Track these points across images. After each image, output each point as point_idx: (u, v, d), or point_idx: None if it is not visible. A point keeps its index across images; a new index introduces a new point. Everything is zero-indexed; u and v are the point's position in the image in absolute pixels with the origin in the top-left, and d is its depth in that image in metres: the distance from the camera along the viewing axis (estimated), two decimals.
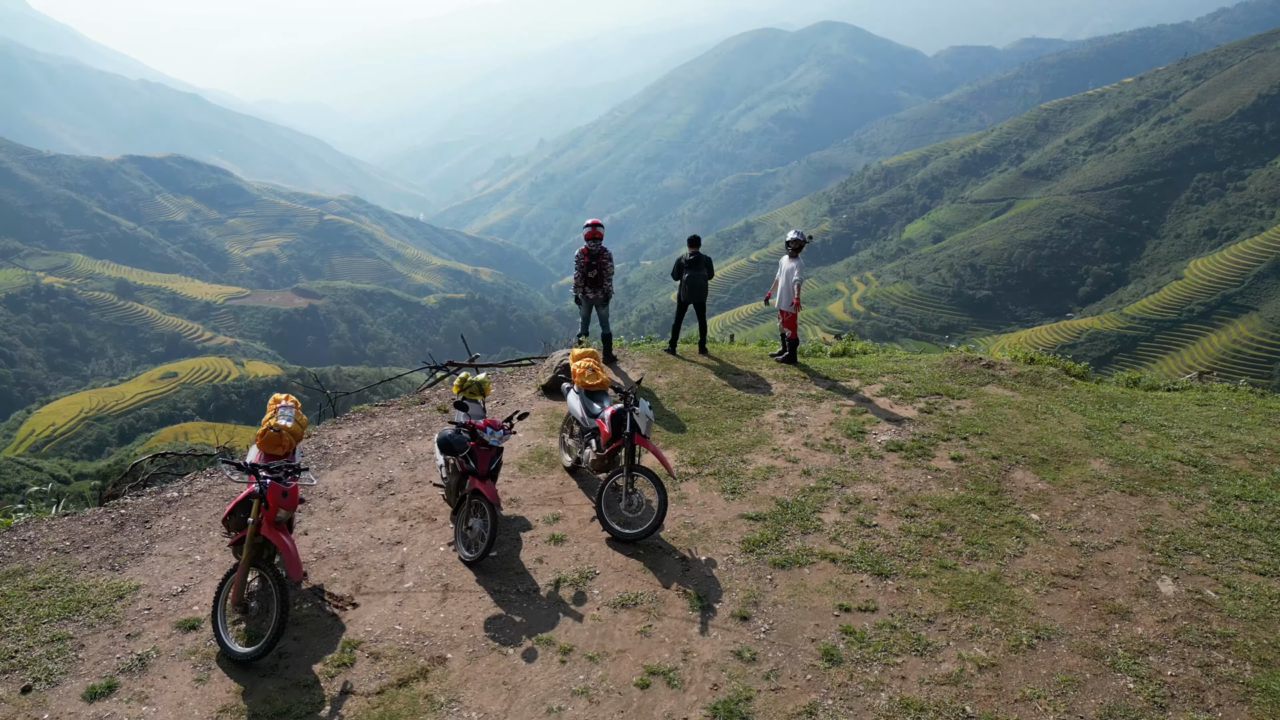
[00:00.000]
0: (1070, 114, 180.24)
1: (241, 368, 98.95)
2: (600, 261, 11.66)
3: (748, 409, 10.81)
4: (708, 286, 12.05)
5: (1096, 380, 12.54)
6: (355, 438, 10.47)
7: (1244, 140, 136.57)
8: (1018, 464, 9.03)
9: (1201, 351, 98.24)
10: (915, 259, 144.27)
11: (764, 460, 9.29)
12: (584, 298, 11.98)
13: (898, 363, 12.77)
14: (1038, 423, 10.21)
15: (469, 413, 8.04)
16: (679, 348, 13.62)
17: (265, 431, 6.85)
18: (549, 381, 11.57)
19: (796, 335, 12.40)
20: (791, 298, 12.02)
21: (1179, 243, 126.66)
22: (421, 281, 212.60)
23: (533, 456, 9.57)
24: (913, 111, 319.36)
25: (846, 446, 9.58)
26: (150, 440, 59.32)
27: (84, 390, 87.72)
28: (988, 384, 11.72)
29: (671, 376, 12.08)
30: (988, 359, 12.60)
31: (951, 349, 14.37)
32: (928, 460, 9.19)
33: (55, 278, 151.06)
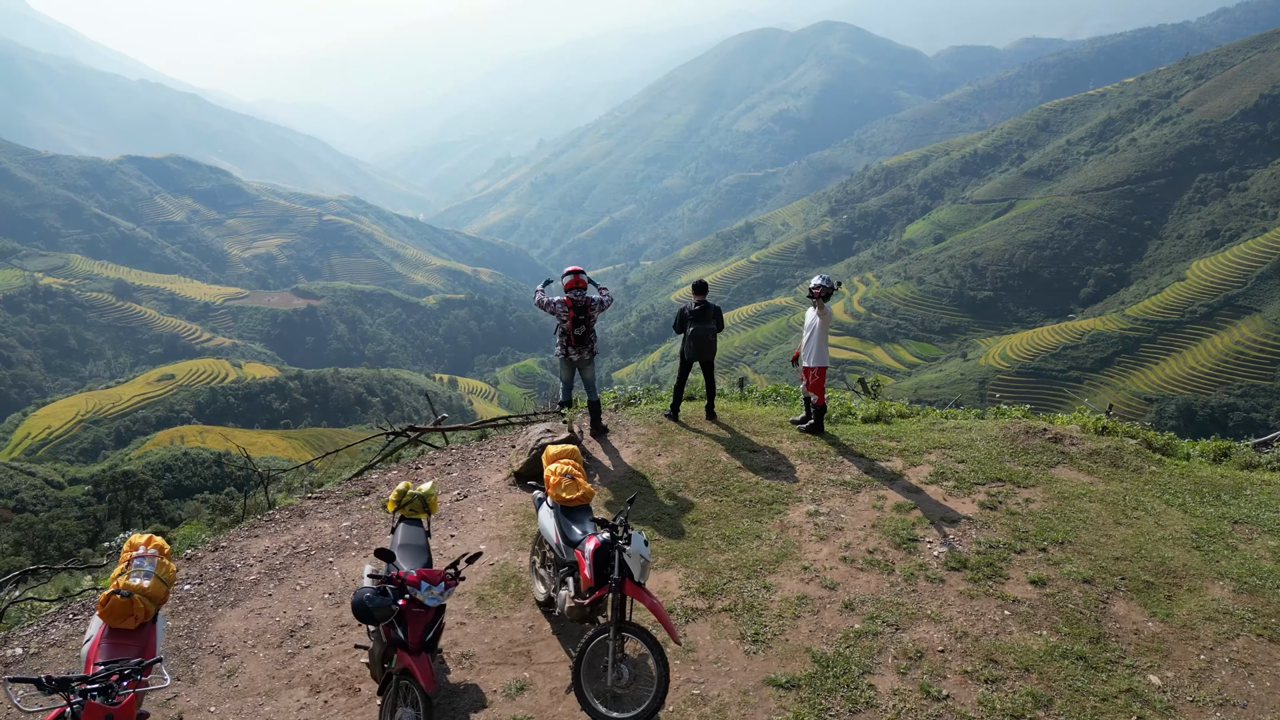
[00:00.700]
0: (1071, 114, 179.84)
1: (239, 369, 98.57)
2: (588, 315, 9.60)
3: (768, 503, 8.64)
4: (716, 342, 10.27)
5: (1184, 454, 10.20)
6: (273, 552, 8.19)
7: (1246, 140, 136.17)
8: (1117, 591, 7.05)
9: (1204, 353, 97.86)
10: (916, 259, 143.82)
11: (793, 585, 7.22)
12: (566, 359, 9.88)
13: (944, 432, 10.38)
14: (1129, 524, 8.18)
15: (402, 551, 5.94)
16: (684, 405, 11.68)
17: (110, 597, 4.82)
18: (524, 467, 9.12)
19: (824, 401, 10.23)
20: (820, 355, 10.00)
21: (1181, 243, 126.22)
22: (421, 282, 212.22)
23: (496, 582, 7.34)
24: (913, 111, 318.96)
25: (896, 563, 7.49)
26: (146, 444, 58.91)
27: (80, 393, 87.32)
28: (1057, 464, 9.39)
29: (674, 455, 9.78)
30: (1053, 430, 10.21)
31: (1003, 410, 11.81)
32: (1001, 584, 7.16)
33: (53, 278, 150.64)
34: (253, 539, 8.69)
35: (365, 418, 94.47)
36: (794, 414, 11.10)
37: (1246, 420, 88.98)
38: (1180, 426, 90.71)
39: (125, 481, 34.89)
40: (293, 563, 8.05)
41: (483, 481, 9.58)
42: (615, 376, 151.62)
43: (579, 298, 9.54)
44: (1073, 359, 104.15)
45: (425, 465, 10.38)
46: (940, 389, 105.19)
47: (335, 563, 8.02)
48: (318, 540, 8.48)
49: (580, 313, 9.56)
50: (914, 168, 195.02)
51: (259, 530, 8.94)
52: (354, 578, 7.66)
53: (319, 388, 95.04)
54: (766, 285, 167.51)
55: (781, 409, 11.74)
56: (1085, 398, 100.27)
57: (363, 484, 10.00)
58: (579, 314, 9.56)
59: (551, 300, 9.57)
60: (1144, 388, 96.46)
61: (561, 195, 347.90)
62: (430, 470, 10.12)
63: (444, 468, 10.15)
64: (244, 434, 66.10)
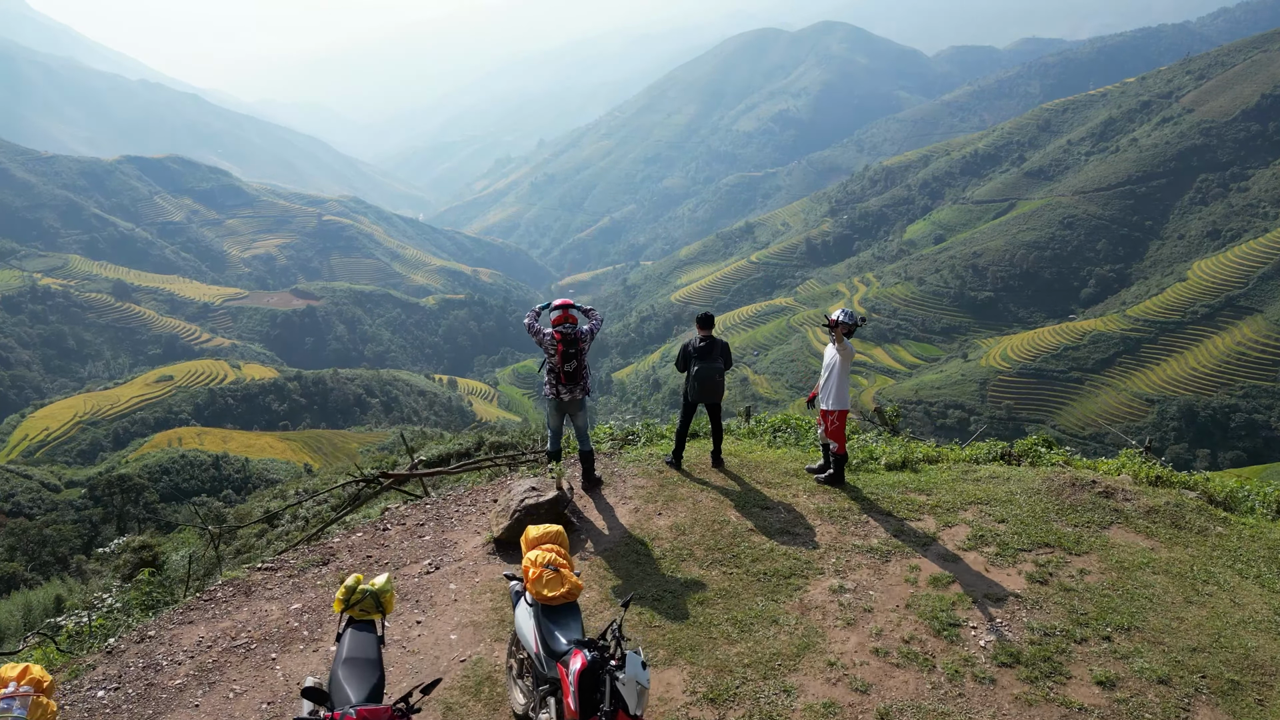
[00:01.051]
0: (1072, 114, 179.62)
1: (238, 370, 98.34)
2: (579, 348, 8.48)
3: (785, 576, 7.47)
4: (724, 382, 9.10)
5: (1249, 507, 9.10)
6: (207, 645, 6.92)
7: (1247, 140, 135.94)
8: (1199, 694, 5.96)
9: (1206, 354, 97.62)
10: (916, 260, 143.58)
11: (818, 687, 6.05)
12: (555, 400, 8.65)
13: (979, 483, 9.08)
14: (1202, 602, 7.04)
15: (346, 669, 4.74)
16: (689, 440, 10.50)
17: None
18: (504, 532, 7.88)
19: (845, 449, 9.03)
20: (840, 397, 8.83)
21: (1182, 244, 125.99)
22: (421, 282, 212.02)
23: (468, 685, 6.10)
24: (913, 111, 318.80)
25: (937, 656, 6.34)
26: (144, 446, 58.67)
27: (79, 394, 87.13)
28: (1111, 524, 8.23)
29: (677, 513, 8.50)
30: (1103, 482, 8.96)
31: (1045, 454, 10.49)
32: (1063, 686, 6.01)
33: (52, 279, 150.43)
34: (186, 625, 7.33)
35: (364, 419, 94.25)
36: (809, 458, 9.93)
37: (1248, 422, 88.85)
38: (1182, 428, 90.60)
39: (121, 485, 34.66)
40: (228, 660, 6.71)
41: (459, 547, 8.29)
42: (615, 377, 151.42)
43: (568, 330, 8.44)
44: (1074, 360, 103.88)
45: (394, 526, 8.87)
46: (941, 389, 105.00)
47: (278, 660, 6.68)
48: (261, 628, 7.15)
49: (570, 346, 8.42)
50: (914, 168, 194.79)
51: (194, 613, 7.54)
52: (298, 679, 6.39)
53: (318, 389, 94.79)
54: (767, 285, 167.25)
55: (795, 452, 10.35)
56: (1084, 398, 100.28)
57: (321, 550, 8.57)
58: (569, 347, 8.42)
59: (541, 331, 8.54)
60: (1145, 389, 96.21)
61: (561, 195, 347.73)
62: (400, 533, 8.64)
63: (415, 529, 8.70)
64: (242, 435, 65.88)
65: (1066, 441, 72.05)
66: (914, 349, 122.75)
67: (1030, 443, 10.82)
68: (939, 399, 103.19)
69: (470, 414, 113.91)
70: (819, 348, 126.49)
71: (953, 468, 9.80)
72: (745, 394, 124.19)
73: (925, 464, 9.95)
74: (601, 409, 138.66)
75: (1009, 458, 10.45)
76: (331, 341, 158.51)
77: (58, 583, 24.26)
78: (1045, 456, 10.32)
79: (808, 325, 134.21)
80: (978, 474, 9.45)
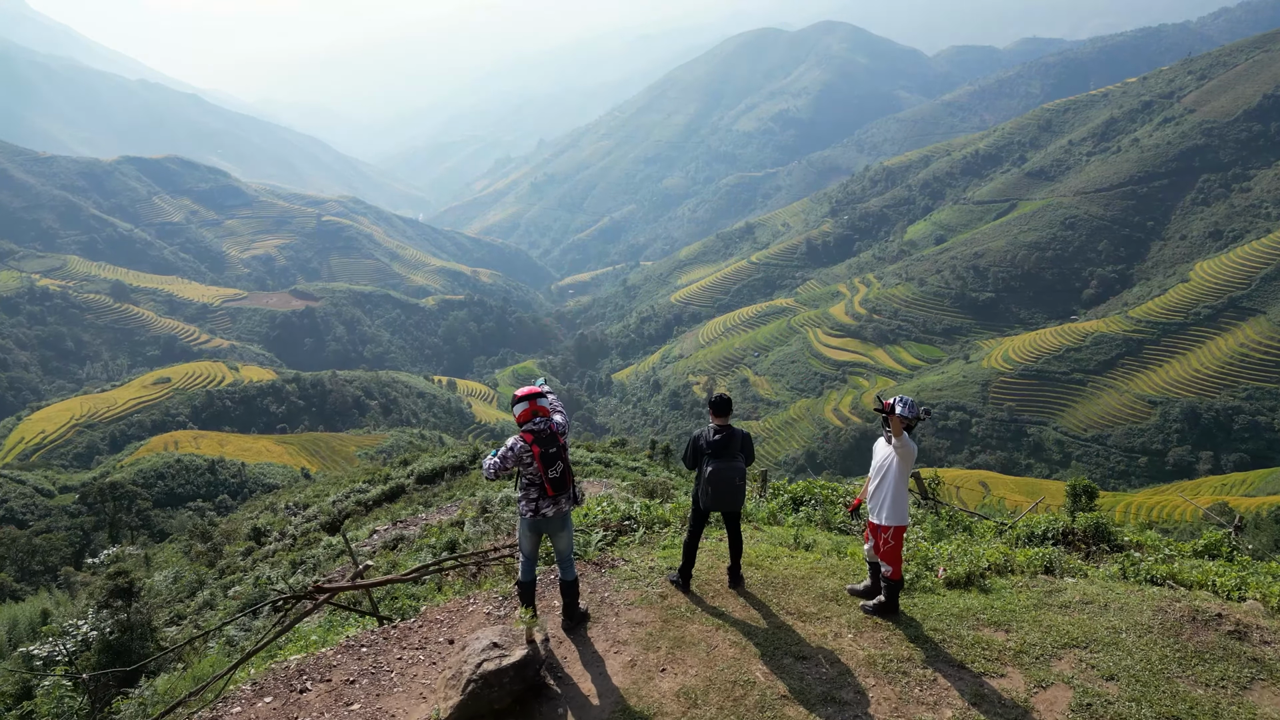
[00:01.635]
0: (1073, 114, 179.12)
1: (236, 372, 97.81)
2: (562, 447, 6.40)
3: None
4: (745, 487, 7.08)
5: None
6: None
7: (1249, 141, 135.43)
8: None
9: (1209, 355, 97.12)
10: (917, 260, 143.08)
11: None
12: (535, 519, 6.47)
13: (1067, 611, 7.04)
14: None
15: None
16: (697, 558, 7.98)
17: None
18: (453, 712, 5.51)
19: (901, 573, 7.01)
20: (898, 509, 6.87)
21: (1184, 244, 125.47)
22: (420, 283, 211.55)
23: None
24: (913, 111, 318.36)
25: None
26: (140, 450, 58.18)
27: (76, 396, 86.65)
28: (1252, 681, 6.14)
29: (686, 670, 6.24)
30: (1230, 615, 6.98)
31: (1118, 533, 8.79)
32: None
33: (51, 280, 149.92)
34: None
35: (363, 421, 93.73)
36: (849, 568, 7.94)
37: (1252, 424, 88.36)
38: (1185, 429, 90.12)
39: (113, 493, 34.08)
40: None
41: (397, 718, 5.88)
42: (615, 378, 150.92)
43: (542, 427, 6.27)
44: (1076, 361, 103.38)
45: (316, 683, 6.38)
46: (942, 391, 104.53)
47: None
48: None
49: (549, 445, 6.25)
50: (915, 168, 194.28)
51: None
52: None
53: (316, 391, 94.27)
54: (767, 286, 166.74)
55: (829, 554, 8.27)
56: (1087, 399, 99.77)
57: None
58: (547, 447, 6.24)
59: (506, 453, 6.30)
60: (1148, 390, 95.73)
61: (561, 195, 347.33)
62: (322, 697, 6.16)
63: (342, 691, 6.23)
64: (239, 439, 65.42)
65: (1070, 444, 71.48)
66: (915, 350, 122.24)
67: (1092, 518, 8.94)
68: (940, 401, 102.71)
69: (469, 415, 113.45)
70: (819, 349, 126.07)
71: (1030, 586, 7.62)
72: (746, 395, 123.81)
73: (994, 577, 7.83)
74: (601, 410, 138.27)
75: (1071, 539, 8.67)
76: (330, 342, 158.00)
77: (45, 595, 23.80)
78: (1142, 564, 8.04)
79: (808, 326, 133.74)
80: (1064, 596, 7.40)
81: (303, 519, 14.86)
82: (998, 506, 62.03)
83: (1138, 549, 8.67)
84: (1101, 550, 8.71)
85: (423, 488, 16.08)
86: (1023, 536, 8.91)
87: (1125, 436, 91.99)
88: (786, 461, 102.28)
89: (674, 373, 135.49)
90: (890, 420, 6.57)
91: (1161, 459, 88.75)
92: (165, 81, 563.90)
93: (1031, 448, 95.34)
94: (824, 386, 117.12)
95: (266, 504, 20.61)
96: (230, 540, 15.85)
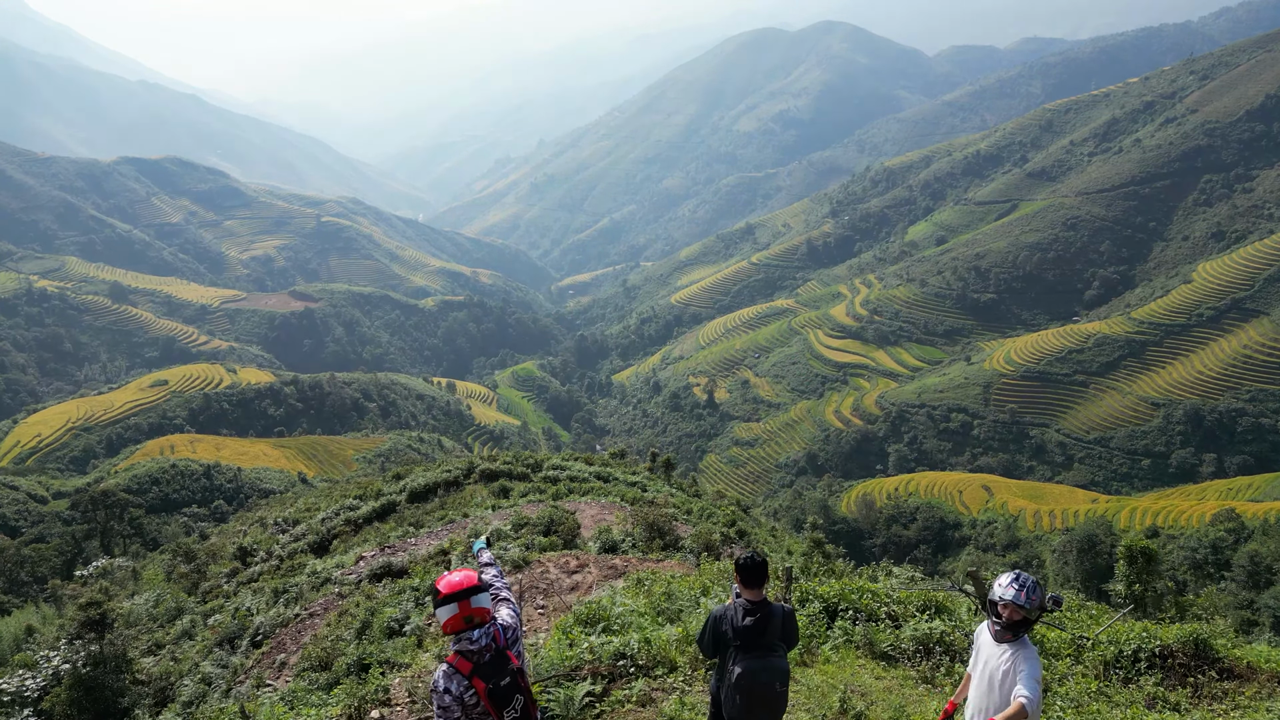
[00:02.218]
0: (1074, 114, 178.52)
1: (234, 375, 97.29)
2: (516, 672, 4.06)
3: None
4: (788, 693, 4.92)
5: None
6: None
7: (1252, 141, 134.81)
8: None
9: (1211, 357, 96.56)
10: (918, 261, 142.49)
11: None
12: None
13: None
14: None
15: None
16: None
17: None
18: None
19: None
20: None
21: (1186, 245, 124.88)
22: (420, 284, 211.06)
23: None
24: (914, 111, 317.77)
25: None
26: (135, 454, 57.67)
27: (72, 399, 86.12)
28: None
29: None
30: None
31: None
32: None
33: (49, 281, 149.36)
34: None
35: (362, 424, 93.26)
36: None
37: (1255, 426, 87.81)
38: (1188, 432, 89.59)
39: (105, 501, 33.54)
40: None
41: None
42: (616, 379, 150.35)
43: (482, 644, 4.02)
44: (1078, 362, 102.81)
45: None
46: (944, 393, 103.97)
47: None
48: None
49: (495, 674, 4.00)
50: (916, 168, 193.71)
51: None
52: None
53: (315, 393, 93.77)
54: (767, 287, 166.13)
55: None
56: (1089, 401, 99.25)
57: None
58: (496, 678, 3.99)
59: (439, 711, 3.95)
60: (1151, 392, 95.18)
61: (561, 196, 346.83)
62: None
63: None
64: (236, 443, 64.91)
65: (1072, 446, 70.76)
66: (916, 351, 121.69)
67: (1189, 631, 7.42)
68: (942, 403, 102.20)
69: (469, 418, 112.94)
70: (820, 350, 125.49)
71: None
72: (747, 396, 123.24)
73: None
74: (601, 411, 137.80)
75: (1170, 661, 7.19)
76: (330, 344, 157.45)
77: (32, 610, 23.30)
78: None
79: (809, 327, 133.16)
80: None
81: (290, 538, 14.32)
82: (1001, 511, 61.45)
83: (1249, 671, 7.10)
84: (1210, 680, 7.09)
85: (415, 506, 15.47)
86: (1109, 657, 7.21)
87: (1128, 439, 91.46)
88: (787, 464, 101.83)
89: (674, 374, 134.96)
90: (1002, 616, 4.60)
91: (1165, 461, 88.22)
92: (165, 82, 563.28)
93: (1034, 450, 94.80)
94: (825, 388, 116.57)
95: (257, 518, 20.08)
96: (215, 558, 15.33)
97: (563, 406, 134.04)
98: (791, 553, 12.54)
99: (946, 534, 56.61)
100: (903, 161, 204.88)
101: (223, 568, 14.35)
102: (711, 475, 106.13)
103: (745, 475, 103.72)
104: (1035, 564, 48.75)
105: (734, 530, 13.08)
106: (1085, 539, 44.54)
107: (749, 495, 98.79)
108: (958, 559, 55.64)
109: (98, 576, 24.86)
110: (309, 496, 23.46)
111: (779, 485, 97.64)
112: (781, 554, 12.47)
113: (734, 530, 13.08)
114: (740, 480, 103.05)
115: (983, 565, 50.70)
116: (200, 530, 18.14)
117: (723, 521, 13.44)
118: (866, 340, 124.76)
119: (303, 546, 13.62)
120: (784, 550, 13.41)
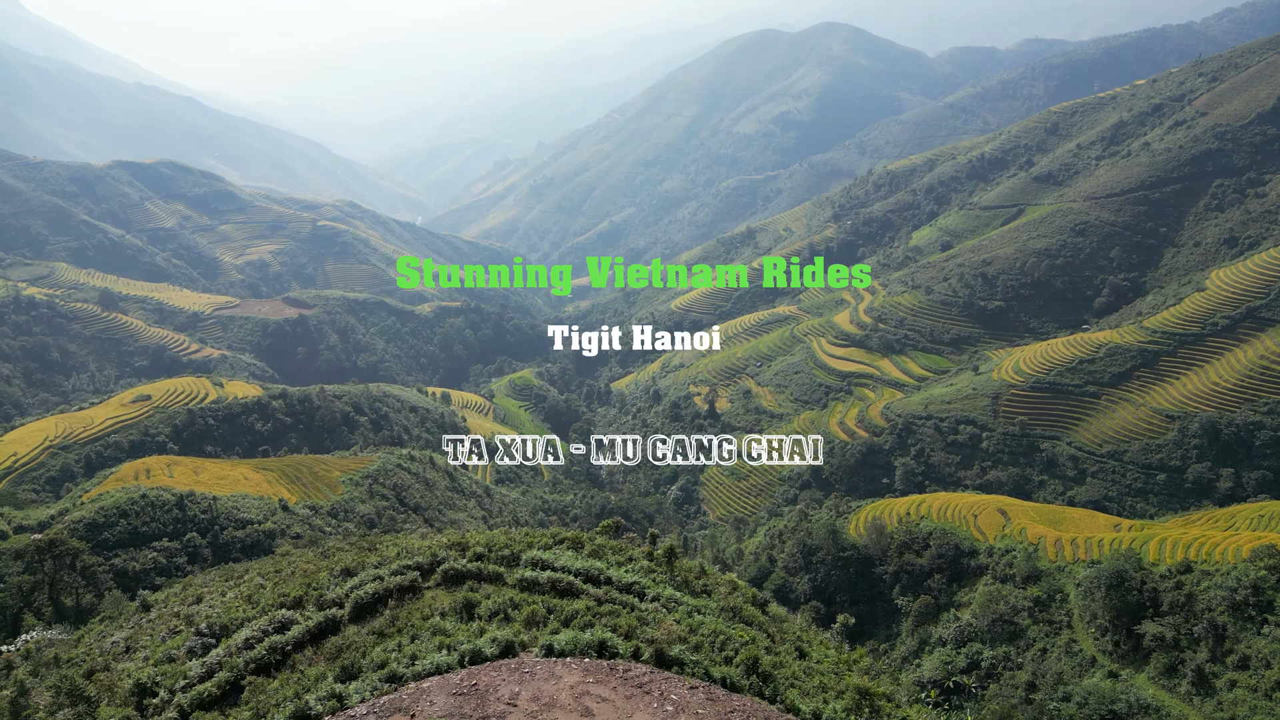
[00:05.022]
0: (1080, 117, 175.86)
1: (220, 389, 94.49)
2: None
3: None
4: None
5: None
6: None
7: (1264, 145, 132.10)
8: None
9: (1227, 368, 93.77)
10: (923, 268, 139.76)
11: None
12: None
13: None
14: None
15: None
16: None
17: None
18: None
19: None
20: None
21: (1198, 251, 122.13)
22: (416, 289, 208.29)
23: None
24: (915, 113, 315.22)
25: None
26: (106, 481, 54.88)
27: (51, 415, 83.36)
28: None
29: None
30: None
31: None
32: None
33: (37, 288, 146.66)
34: None
35: (353, 439, 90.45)
36: None
37: (1274, 439, 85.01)
38: (1204, 446, 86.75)
39: (52, 550, 30.77)
40: None
41: None
42: (614, 387, 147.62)
43: None
44: (1089, 373, 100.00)
45: None
46: (951, 404, 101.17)
47: None
48: None
49: None
50: (919, 172, 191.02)
51: None
52: None
53: (304, 407, 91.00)
54: (769, 293, 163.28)
55: None
56: (1101, 413, 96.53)
57: None
58: None
59: None
60: (1165, 404, 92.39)
61: (560, 198, 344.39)
62: None
63: None
64: (216, 465, 62.14)
65: (1084, 460, 67.98)
66: (922, 360, 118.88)
67: None
68: (950, 414, 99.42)
69: (463, 430, 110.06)
70: (823, 358, 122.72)
71: None
72: (749, 407, 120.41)
73: None
74: (600, 420, 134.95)
75: None
76: (324, 351, 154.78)
77: None
78: None
79: (811, 335, 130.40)
80: None
81: (203, 667, 11.61)
82: (1020, 538, 58.54)
83: None
84: None
85: (357, 624, 12.57)
86: None
87: (1142, 452, 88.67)
88: (791, 478, 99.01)
89: (674, 382, 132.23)
90: None
91: (1180, 476, 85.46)
92: (162, 84, 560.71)
93: (1045, 464, 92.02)
94: (829, 398, 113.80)
95: (184, 615, 17.34)
96: (110, 695, 12.54)
97: (561, 416, 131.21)
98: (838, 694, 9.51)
99: (962, 562, 53.93)
100: (905, 164, 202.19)
101: (115, 714, 11.61)
102: (713, 489, 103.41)
103: (748, 489, 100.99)
104: (1059, 599, 45.87)
105: (756, 677, 10.17)
106: (1114, 575, 41.78)
107: (752, 511, 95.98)
108: (974, 589, 52.87)
109: (23, 653, 21.81)
110: (249, 581, 20.67)
111: (782, 500, 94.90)
112: (818, 702, 9.67)
113: (756, 677, 10.17)
114: (742, 494, 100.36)
115: (1002, 599, 47.76)
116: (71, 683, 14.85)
117: (742, 660, 10.61)
118: (871, 349, 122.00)
119: (211, 690, 10.92)
120: (821, 699, 10.60)
